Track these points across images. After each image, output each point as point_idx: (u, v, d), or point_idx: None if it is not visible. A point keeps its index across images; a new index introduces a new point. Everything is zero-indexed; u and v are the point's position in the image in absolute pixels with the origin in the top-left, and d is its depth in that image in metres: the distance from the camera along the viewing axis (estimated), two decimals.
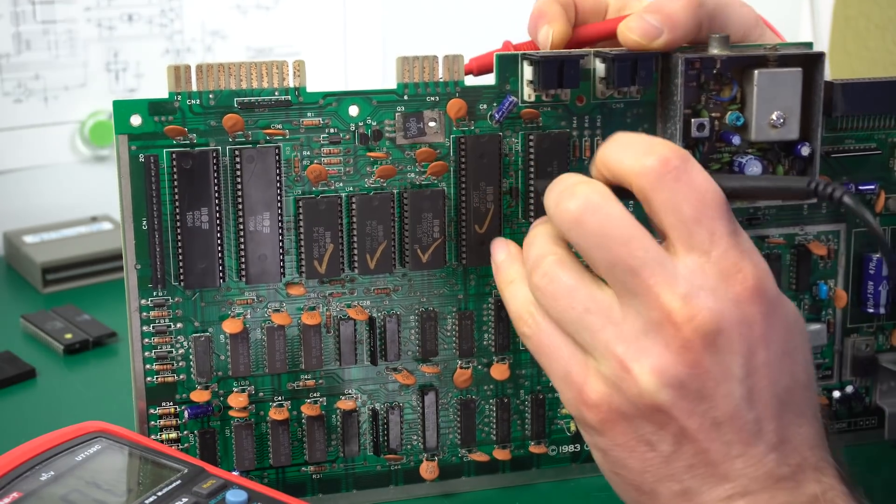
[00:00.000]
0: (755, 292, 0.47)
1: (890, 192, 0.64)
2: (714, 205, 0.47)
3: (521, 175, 0.59)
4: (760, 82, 0.58)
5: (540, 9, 0.59)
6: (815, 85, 0.59)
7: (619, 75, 0.58)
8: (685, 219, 0.47)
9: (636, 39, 0.57)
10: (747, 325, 0.47)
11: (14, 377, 0.77)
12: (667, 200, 0.47)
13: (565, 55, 0.57)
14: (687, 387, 0.46)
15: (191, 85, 0.55)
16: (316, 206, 0.56)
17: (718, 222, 0.47)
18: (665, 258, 0.47)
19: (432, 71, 0.57)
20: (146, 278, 0.56)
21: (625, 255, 0.47)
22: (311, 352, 0.58)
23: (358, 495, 0.61)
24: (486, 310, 0.60)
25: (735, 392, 0.47)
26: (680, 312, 0.46)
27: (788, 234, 0.63)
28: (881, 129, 0.63)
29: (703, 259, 0.47)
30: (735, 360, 0.47)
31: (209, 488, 0.54)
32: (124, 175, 0.55)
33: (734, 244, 0.47)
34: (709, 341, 0.46)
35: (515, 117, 0.58)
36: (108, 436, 0.56)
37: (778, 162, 0.61)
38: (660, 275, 0.46)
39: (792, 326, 0.48)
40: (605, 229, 0.47)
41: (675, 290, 0.46)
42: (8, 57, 1.01)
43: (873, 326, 0.66)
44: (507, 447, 0.62)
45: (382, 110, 0.57)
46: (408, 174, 0.58)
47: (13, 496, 0.52)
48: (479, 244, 0.58)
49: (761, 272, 0.47)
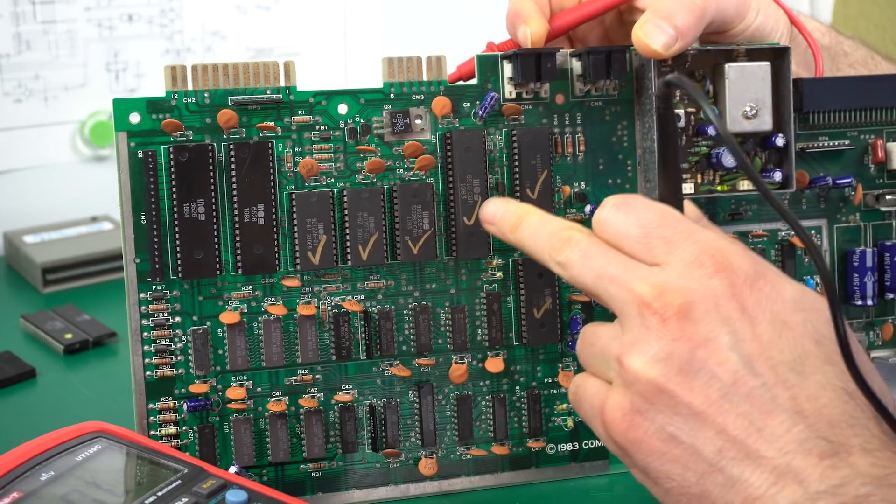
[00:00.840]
0: (722, 268, 0.49)
1: (867, 188, 0.66)
2: (658, 218, 0.50)
3: (507, 170, 0.61)
4: (731, 75, 0.61)
5: (515, 8, 0.62)
6: (784, 77, 0.62)
7: (594, 69, 0.60)
8: (637, 238, 0.50)
9: (656, 50, 0.59)
10: (721, 297, 0.48)
11: (14, 377, 0.77)
12: (617, 232, 0.51)
13: (542, 49, 0.60)
14: (675, 357, 0.48)
15: (187, 84, 0.58)
16: (308, 199, 0.58)
17: (668, 230, 0.50)
18: (640, 265, 0.50)
19: (417, 71, 0.60)
20: (145, 272, 0.58)
21: (604, 266, 0.50)
22: (308, 344, 0.59)
23: (357, 494, 0.61)
24: (479, 304, 0.62)
25: (730, 359, 0.48)
26: (650, 293, 0.48)
27: (771, 230, 0.65)
28: (854, 126, 0.65)
29: (665, 256, 0.50)
30: (718, 328, 0.48)
31: (209, 488, 0.54)
32: (123, 171, 0.57)
33: (690, 237, 0.50)
34: (683, 312, 0.48)
35: (498, 114, 0.61)
36: (108, 436, 0.57)
37: (755, 154, 0.63)
38: (633, 272, 0.50)
39: (788, 301, 0.49)
40: (590, 248, 0.51)
41: (646, 281, 0.49)
42: (8, 57, 1.03)
43: (863, 322, 0.66)
44: (505, 444, 0.62)
45: (370, 108, 0.60)
46: (396, 170, 0.60)
47: (13, 496, 0.52)
48: (468, 236, 0.60)
49: (726, 251, 0.49)
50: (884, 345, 0.67)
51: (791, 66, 0.62)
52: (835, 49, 0.72)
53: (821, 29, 0.72)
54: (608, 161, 0.63)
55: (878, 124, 0.66)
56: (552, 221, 0.54)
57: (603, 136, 0.63)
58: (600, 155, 0.63)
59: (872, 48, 0.76)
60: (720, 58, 0.62)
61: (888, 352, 0.67)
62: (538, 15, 0.61)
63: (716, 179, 0.63)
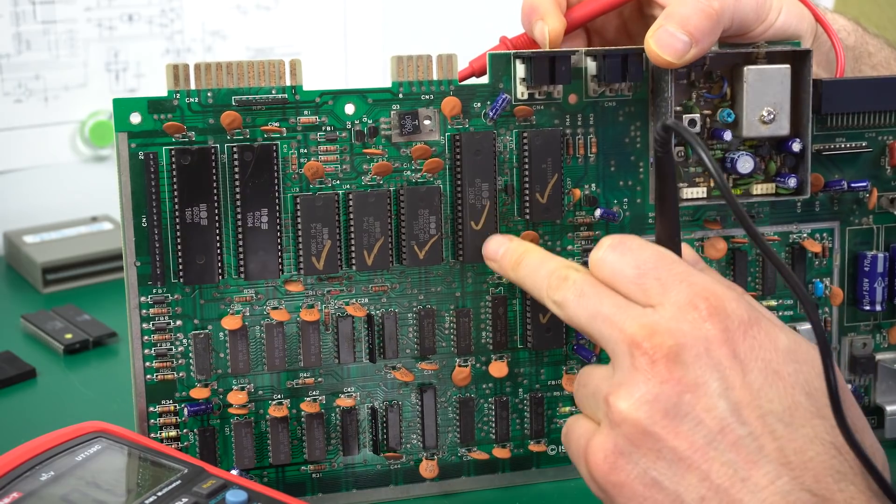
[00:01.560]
0: (715, 312, 0.48)
1: (882, 190, 0.65)
2: (654, 260, 0.50)
3: (516, 172, 0.60)
4: (749, 78, 0.59)
5: (532, 4, 0.60)
6: (804, 81, 0.60)
7: (610, 71, 0.59)
8: (631, 279, 0.50)
9: (668, 60, 0.57)
10: (713, 342, 0.48)
11: (14, 377, 0.77)
12: (613, 272, 0.50)
13: (556, 52, 0.58)
14: (662, 401, 0.47)
15: (189, 83, 0.56)
16: (313, 203, 0.57)
17: (664, 271, 0.49)
18: (634, 307, 0.49)
19: (426, 70, 0.58)
20: (146, 275, 0.57)
21: (598, 308, 0.50)
22: (310, 349, 0.59)
23: (357, 495, 0.61)
24: (484, 307, 0.61)
25: (718, 406, 0.47)
26: (640, 333, 0.48)
27: (783, 233, 0.64)
28: (871, 128, 0.64)
29: (659, 298, 0.49)
30: (707, 374, 0.47)
31: (209, 488, 0.54)
32: (124, 172, 0.56)
33: (685, 280, 0.49)
34: (672, 355, 0.47)
35: (509, 115, 0.59)
36: (108, 436, 0.56)
37: (770, 158, 0.61)
38: (626, 315, 0.49)
39: (782, 350, 0.49)
40: (585, 288, 0.51)
41: (638, 321, 0.48)
42: (8, 57, 1.02)
43: (870, 325, 0.66)
44: (507, 446, 0.62)
45: (378, 108, 0.58)
46: (404, 172, 0.59)
47: (13, 496, 0.52)
48: (475, 240, 0.59)
49: (720, 296, 0.48)
50: (890, 348, 0.66)
51: (812, 70, 0.60)
52: (859, 49, 0.70)
53: (847, 28, 0.69)
54: (620, 162, 0.61)
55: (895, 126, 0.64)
56: (551, 261, 0.54)
57: (615, 137, 0.61)
58: (612, 156, 0.61)
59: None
60: (739, 60, 0.60)
61: (894, 355, 0.66)
62: (556, 11, 0.59)
63: (729, 184, 0.61)
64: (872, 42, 0.71)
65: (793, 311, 0.65)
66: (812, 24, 0.63)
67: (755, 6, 0.60)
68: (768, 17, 0.60)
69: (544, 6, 0.59)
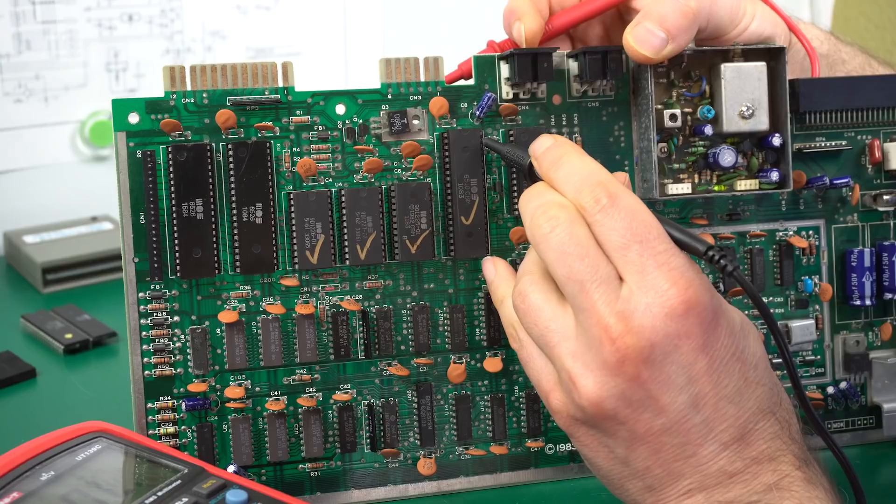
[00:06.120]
0: (688, 305, 0.50)
1: (865, 188, 0.66)
2: (641, 231, 0.51)
3: (504, 171, 0.62)
4: (727, 75, 0.61)
5: (511, 7, 0.62)
6: (780, 78, 0.62)
7: (591, 69, 0.61)
8: (615, 247, 0.51)
9: (646, 55, 0.59)
10: (683, 337, 0.50)
11: (14, 377, 0.77)
12: (600, 234, 0.51)
13: (538, 49, 0.60)
14: (629, 397, 0.50)
15: (185, 85, 0.58)
16: (306, 199, 0.59)
17: (646, 246, 0.50)
18: (612, 279, 0.51)
19: (414, 72, 0.61)
20: (144, 271, 0.58)
21: (577, 270, 0.51)
22: (306, 344, 0.59)
23: (356, 493, 0.61)
24: (477, 303, 0.62)
25: (678, 400, 0.50)
26: (615, 328, 0.50)
27: (769, 230, 0.65)
28: (850, 127, 0.65)
29: (637, 279, 0.50)
30: (674, 371, 0.50)
31: (209, 488, 0.54)
32: (122, 171, 0.58)
33: (665, 263, 0.50)
34: (644, 356, 0.50)
35: (495, 115, 0.61)
36: (108, 436, 0.57)
37: (752, 154, 0.63)
38: (603, 292, 0.50)
39: (737, 332, 0.52)
40: (565, 245, 0.51)
41: (613, 307, 0.50)
42: (8, 57, 1.04)
43: (861, 322, 0.66)
44: (504, 443, 0.62)
45: (368, 108, 0.60)
46: (394, 170, 0.60)
47: (13, 496, 0.52)
48: (466, 236, 0.60)
49: (695, 286, 0.50)
50: (883, 345, 0.67)
51: (786, 66, 0.62)
52: (833, 57, 0.72)
53: (819, 36, 0.72)
54: (605, 161, 0.63)
55: (874, 125, 0.66)
56: (547, 193, 0.54)
57: (600, 137, 0.63)
58: (597, 155, 0.62)
59: (870, 54, 0.76)
60: (717, 58, 0.62)
61: (887, 352, 0.67)
62: (533, 12, 0.61)
63: (713, 179, 0.63)
64: (846, 49, 0.73)
65: (783, 310, 0.66)
66: (786, 31, 0.65)
67: (730, 10, 0.62)
68: (742, 22, 0.63)
69: (522, 7, 0.62)
